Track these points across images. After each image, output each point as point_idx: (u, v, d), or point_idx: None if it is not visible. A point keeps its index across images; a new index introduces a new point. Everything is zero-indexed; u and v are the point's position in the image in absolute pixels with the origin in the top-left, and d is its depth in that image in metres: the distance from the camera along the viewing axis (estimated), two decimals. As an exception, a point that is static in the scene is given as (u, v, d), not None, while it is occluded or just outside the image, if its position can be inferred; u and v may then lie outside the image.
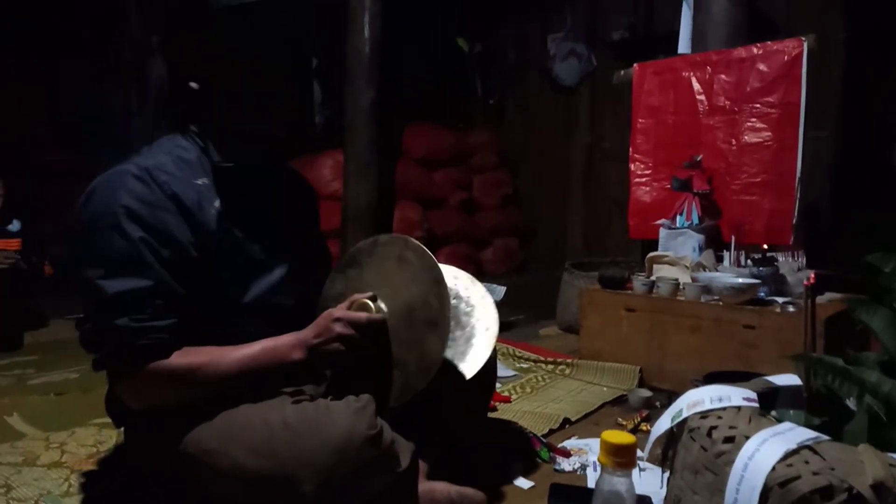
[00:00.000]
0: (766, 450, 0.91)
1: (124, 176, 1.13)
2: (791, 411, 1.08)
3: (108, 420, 1.75)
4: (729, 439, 0.98)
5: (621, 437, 0.77)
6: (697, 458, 1.02)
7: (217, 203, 1.20)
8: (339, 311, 1.21)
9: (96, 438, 1.68)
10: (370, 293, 1.26)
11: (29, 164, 4.01)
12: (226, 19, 1.19)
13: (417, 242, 1.30)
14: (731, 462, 0.93)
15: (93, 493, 1.38)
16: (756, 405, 1.07)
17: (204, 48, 1.21)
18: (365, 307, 1.24)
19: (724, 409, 1.06)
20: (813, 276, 1.16)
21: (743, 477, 0.90)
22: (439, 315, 1.22)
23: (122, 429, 1.35)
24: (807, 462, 0.89)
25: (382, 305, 1.27)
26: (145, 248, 1.09)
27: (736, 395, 1.09)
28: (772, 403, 1.13)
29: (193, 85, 1.23)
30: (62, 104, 4.30)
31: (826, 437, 0.94)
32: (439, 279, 1.24)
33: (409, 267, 1.29)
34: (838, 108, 3.60)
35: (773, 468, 0.89)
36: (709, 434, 1.02)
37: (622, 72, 3.16)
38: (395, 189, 4.46)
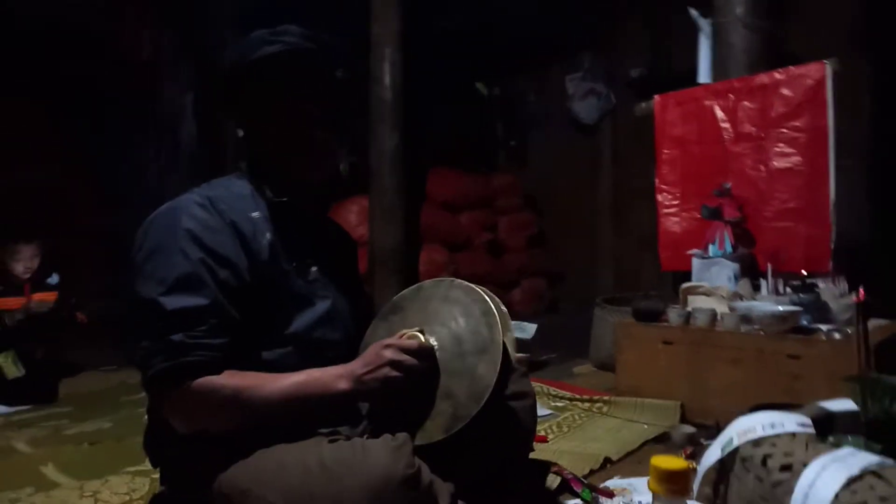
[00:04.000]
0: (827, 477, 0.86)
1: (187, 203, 1.20)
2: (849, 437, 1.02)
3: (141, 468, 1.76)
4: (786, 467, 0.92)
5: (673, 462, 0.72)
6: (753, 490, 0.96)
7: (269, 235, 1.25)
8: (389, 339, 1.21)
9: (129, 486, 1.67)
10: (417, 328, 1.25)
11: (69, 225, 4.14)
12: (256, 68, 1.25)
13: (462, 281, 1.31)
14: (790, 491, 0.88)
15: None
16: (812, 430, 1.01)
17: (243, 96, 1.28)
18: (414, 339, 1.22)
19: (777, 435, 1.00)
20: (862, 291, 1.12)
21: (804, 507, 0.85)
22: (489, 342, 1.21)
23: (158, 470, 1.33)
24: (872, 488, 0.83)
25: (432, 339, 1.25)
26: (204, 268, 1.14)
27: (789, 422, 1.04)
28: (828, 430, 1.07)
29: (239, 132, 1.30)
30: (100, 167, 4.46)
31: (891, 462, 0.88)
32: (487, 310, 1.23)
33: (455, 304, 1.29)
34: (869, 135, 3.54)
35: (837, 496, 0.83)
36: (763, 463, 0.97)
37: (643, 104, 3.17)
38: (420, 232, 4.48)
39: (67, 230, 3.87)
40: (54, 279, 3.06)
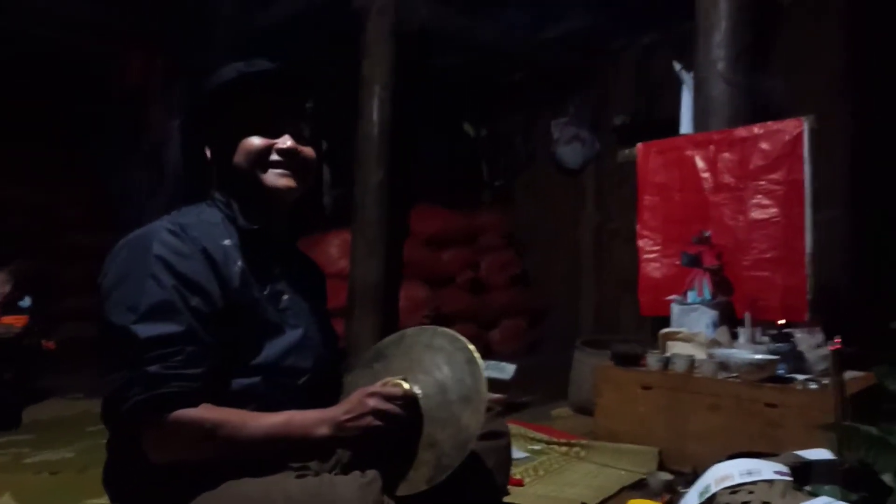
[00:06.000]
0: (806, 526, 0.85)
1: (158, 230, 1.19)
2: (826, 486, 1.02)
3: (103, 500, 1.69)
4: (763, 515, 0.92)
5: (651, 507, 0.71)
6: (730, 538, 0.95)
7: (240, 262, 1.24)
8: (373, 387, 1.19)
9: (90, 521, 1.61)
10: (401, 376, 1.24)
11: (49, 244, 4.09)
12: (216, 94, 1.27)
13: (447, 329, 1.31)
14: (768, 540, 0.87)
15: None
16: (789, 478, 1.01)
17: (212, 119, 1.29)
18: (398, 387, 1.21)
19: (754, 483, 1.00)
20: (838, 340, 1.13)
21: (782, 557, 0.84)
22: (473, 391, 1.20)
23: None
24: (850, 539, 0.83)
25: (416, 388, 1.24)
26: (177, 295, 1.12)
27: (767, 469, 1.03)
28: (804, 479, 1.06)
29: (208, 153, 1.30)
30: (87, 187, 4.42)
31: (868, 513, 0.88)
32: (472, 359, 1.23)
33: (439, 352, 1.28)
34: (847, 187, 3.63)
35: (815, 546, 0.83)
36: (741, 510, 0.96)
37: (627, 151, 3.23)
38: (402, 268, 4.47)
39: (47, 249, 3.81)
40: (26, 302, 2.99)
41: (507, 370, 3.08)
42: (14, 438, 2.49)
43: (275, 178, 1.29)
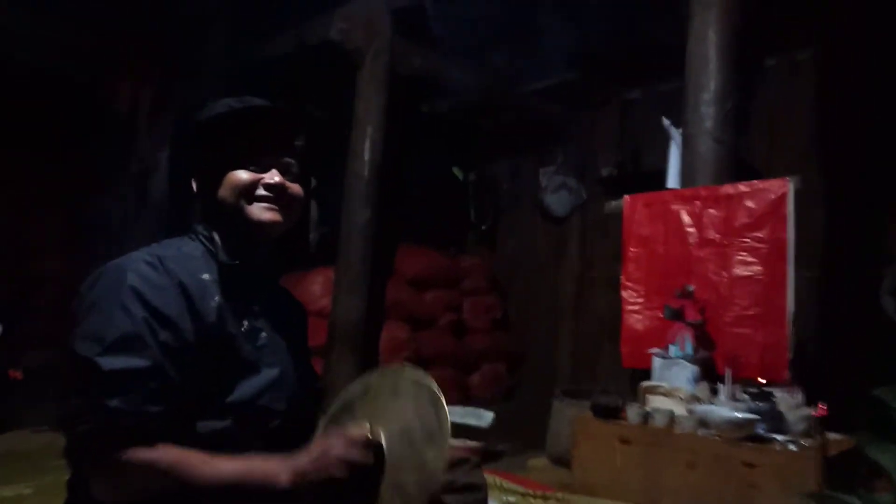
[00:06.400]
0: None
1: (136, 260, 1.16)
2: (807, 557, 0.99)
3: (57, 542, 1.61)
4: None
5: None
6: None
7: (217, 298, 1.21)
8: (337, 434, 1.16)
9: (43, 562, 1.52)
10: (365, 421, 1.22)
11: (22, 268, 4.00)
12: (217, 123, 1.27)
13: (412, 369, 1.29)
14: None
15: None
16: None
17: (200, 152, 1.30)
18: (361, 433, 1.18)
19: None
20: (823, 407, 1.12)
21: None
22: (437, 430, 1.18)
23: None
24: None
25: (381, 434, 1.22)
26: (146, 328, 1.09)
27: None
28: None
29: (194, 186, 1.28)
30: (62, 214, 4.36)
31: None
32: (435, 399, 1.21)
33: (404, 396, 1.26)
34: (824, 249, 3.69)
35: None
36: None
37: (613, 202, 3.26)
38: (384, 307, 4.43)
39: (17, 276, 3.71)
40: (-1, 329, 2.91)
41: (485, 417, 3.04)
42: (-30, 470, 2.39)
43: (260, 211, 1.28)
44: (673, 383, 2.54)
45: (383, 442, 1.22)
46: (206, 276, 1.23)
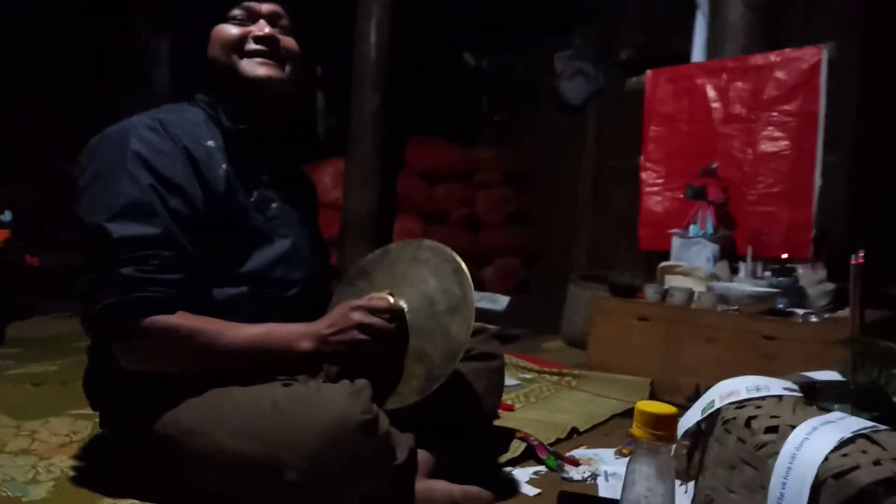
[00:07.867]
0: (817, 439, 0.80)
1: (136, 125, 1.12)
2: (836, 405, 0.97)
3: (84, 411, 1.65)
4: (772, 429, 0.86)
5: (661, 406, 0.66)
6: (734, 452, 0.90)
7: (224, 165, 1.18)
8: (357, 301, 1.14)
9: (71, 428, 1.57)
10: (387, 290, 1.20)
11: (41, 171, 3.97)
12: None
13: (430, 240, 1.29)
14: (776, 453, 0.82)
15: (60, 482, 1.25)
16: (799, 394, 0.96)
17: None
18: (383, 300, 1.16)
19: (762, 398, 0.95)
20: (862, 255, 1.06)
21: (790, 469, 0.79)
22: (462, 300, 1.18)
23: (98, 413, 1.26)
24: (865, 451, 0.78)
25: (402, 301, 1.20)
26: (154, 195, 1.06)
27: (775, 385, 0.98)
28: (812, 398, 1.01)
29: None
30: (69, 111, 4.26)
31: (885, 427, 0.83)
32: (458, 268, 1.22)
33: (425, 264, 1.25)
34: (852, 132, 3.50)
35: (826, 458, 0.77)
36: (747, 424, 0.90)
37: (634, 79, 3.09)
38: (396, 201, 4.37)
39: (33, 176, 3.72)
40: (7, 216, 2.90)
41: (500, 301, 3.05)
42: (-3, 353, 2.44)
43: (253, 66, 1.21)
44: (692, 263, 2.49)
45: (404, 306, 1.20)
46: (210, 143, 1.18)
